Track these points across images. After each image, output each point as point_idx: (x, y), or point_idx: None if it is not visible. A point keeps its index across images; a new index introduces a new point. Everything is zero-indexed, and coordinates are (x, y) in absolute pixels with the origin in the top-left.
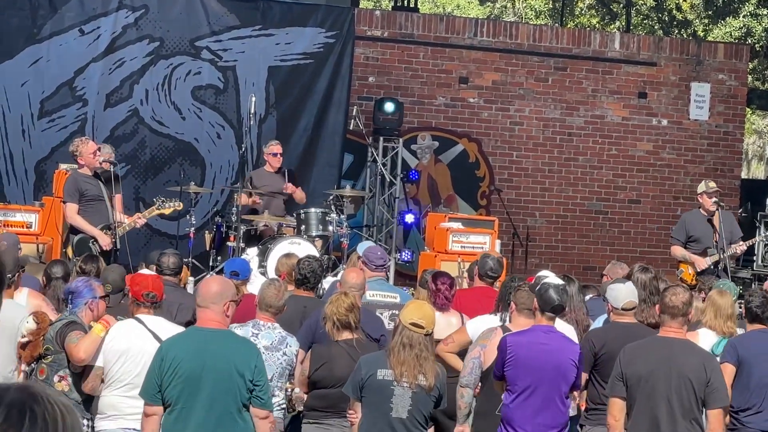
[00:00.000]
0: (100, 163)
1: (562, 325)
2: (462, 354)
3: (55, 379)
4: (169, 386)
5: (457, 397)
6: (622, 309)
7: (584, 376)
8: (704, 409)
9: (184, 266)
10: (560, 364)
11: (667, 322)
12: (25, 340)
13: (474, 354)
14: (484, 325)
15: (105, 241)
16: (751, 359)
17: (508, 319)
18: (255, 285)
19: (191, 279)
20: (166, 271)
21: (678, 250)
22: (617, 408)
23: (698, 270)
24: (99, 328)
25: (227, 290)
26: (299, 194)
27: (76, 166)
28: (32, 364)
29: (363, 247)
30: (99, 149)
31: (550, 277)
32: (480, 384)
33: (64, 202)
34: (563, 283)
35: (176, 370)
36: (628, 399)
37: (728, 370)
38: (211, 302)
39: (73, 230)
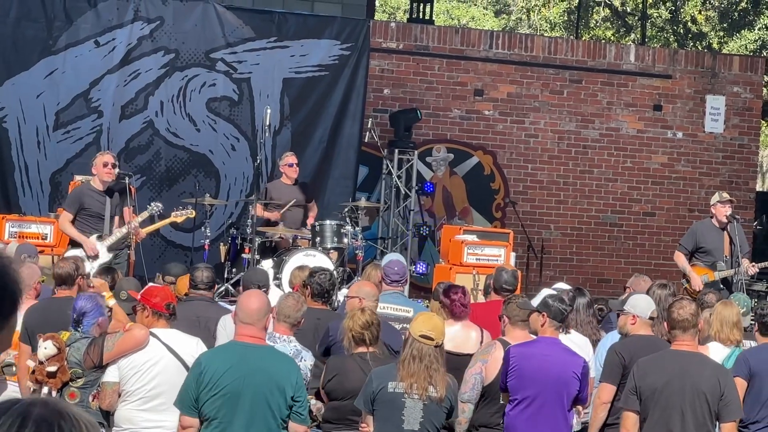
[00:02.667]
0: (115, 175)
1: (577, 338)
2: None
3: (90, 398)
4: (208, 400)
5: (458, 412)
6: (649, 318)
7: (610, 388)
8: (717, 423)
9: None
10: (561, 375)
11: (679, 336)
12: (54, 368)
13: (475, 370)
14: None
15: (90, 245)
16: (762, 372)
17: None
18: (271, 297)
19: None
20: (200, 286)
21: (681, 260)
22: (631, 422)
23: (694, 289)
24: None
25: (268, 306)
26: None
27: (90, 177)
28: (60, 390)
29: (387, 259)
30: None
31: (548, 290)
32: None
33: (63, 208)
34: (558, 294)
35: (216, 384)
36: (642, 412)
37: (739, 384)
38: (255, 319)
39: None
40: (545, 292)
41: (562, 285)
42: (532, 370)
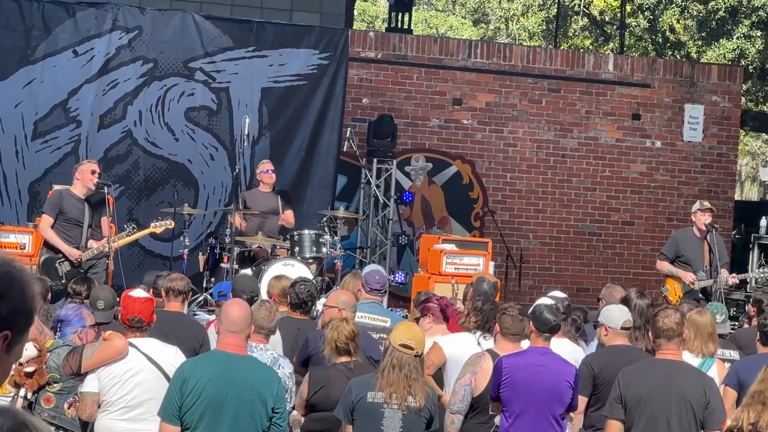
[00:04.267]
0: (94, 185)
1: (566, 346)
2: (437, 374)
3: (65, 406)
4: (190, 408)
5: (447, 423)
6: (621, 329)
7: (583, 399)
8: (703, 431)
9: None
10: (555, 385)
11: (664, 345)
12: (31, 369)
13: (465, 381)
14: (458, 342)
15: (74, 253)
16: (751, 383)
17: (485, 339)
18: None
19: None
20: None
21: (665, 266)
22: (615, 430)
23: (686, 282)
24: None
25: (251, 315)
26: (289, 219)
27: (69, 186)
28: (36, 393)
29: (368, 268)
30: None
31: (546, 299)
32: (471, 409)
33: (42, 212)
34: (554, 303)
35: (200, 392)
36: (627, 421)
37: (729, 395)
38: (241, 327)
39: (45, 248)
40: (553, 297)
41: (557, 293)
42: (525, 380)
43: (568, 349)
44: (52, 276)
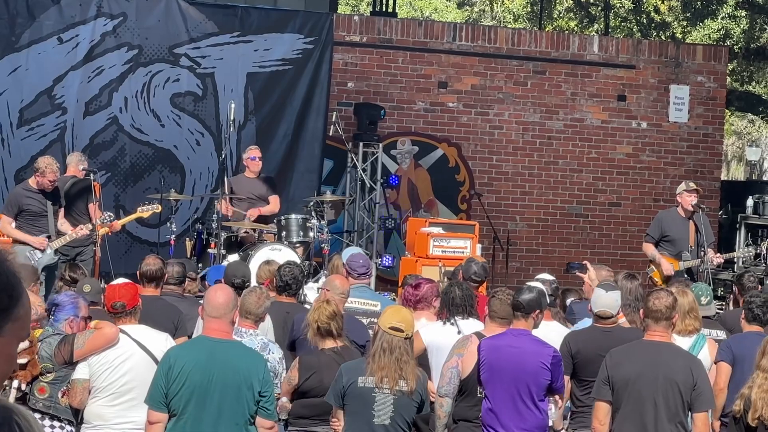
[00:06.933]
0: (81, 171)
1: (553, 326)
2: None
3: (59, 395)
4: (176, 395)
5: (436, 407)
6: (596, 315)
7: (565, 378)
8: (690, 413)
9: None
10: (528, 366)
11: (651, 326)
12: (24, 360)
13: (452, 363)
14: (436, 329)
15: (37, 240)
16: (743, 360)
17: (464, 320)
18: None
19: None
20: (170, 281)
21: (649, 249)
22: (603, 412)
23: (665, 275)
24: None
25: (234, 300)
26: (274, 207)
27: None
28: (30, 384)
29: (347, 253)
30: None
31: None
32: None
33: (1, 213)
34: (531, 286)
35: (185, 379)
36: (614, 403)
37: (724, 369)
38: (222, 313)
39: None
40: (541, 280)
41: (546, 276)
42: (500, 362)
43: (558, 332)
44: None
